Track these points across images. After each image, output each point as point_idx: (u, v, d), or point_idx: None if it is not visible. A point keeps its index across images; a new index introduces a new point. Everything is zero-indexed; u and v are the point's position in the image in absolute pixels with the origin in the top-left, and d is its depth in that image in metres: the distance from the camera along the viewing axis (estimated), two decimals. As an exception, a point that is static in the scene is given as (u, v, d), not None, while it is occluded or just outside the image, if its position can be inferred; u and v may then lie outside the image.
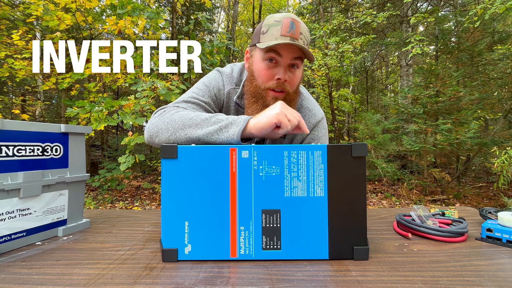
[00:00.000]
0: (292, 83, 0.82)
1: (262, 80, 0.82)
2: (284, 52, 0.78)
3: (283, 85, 0.80)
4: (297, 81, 0.84)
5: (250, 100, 0.85)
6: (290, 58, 0.78)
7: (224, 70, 0.95)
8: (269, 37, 0.78)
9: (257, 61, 0.83)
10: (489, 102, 4.73)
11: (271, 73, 0.80)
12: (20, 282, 0.48)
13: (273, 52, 0.78)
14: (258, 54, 0.82)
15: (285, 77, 0.79)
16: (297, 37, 0.77)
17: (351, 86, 9.01)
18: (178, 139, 0.71)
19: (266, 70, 0.80)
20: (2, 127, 0.61)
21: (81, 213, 0.80)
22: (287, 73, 0.80)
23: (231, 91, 0.92)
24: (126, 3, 3.90)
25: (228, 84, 0.92)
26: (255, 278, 0.49)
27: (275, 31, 0.77)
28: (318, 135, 0.94)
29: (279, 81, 0.79)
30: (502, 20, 5.75)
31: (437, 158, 5.53)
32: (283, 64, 0.79)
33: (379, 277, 0.49)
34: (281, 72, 0.79)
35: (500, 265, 0.54)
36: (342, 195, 0.56)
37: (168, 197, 0.56)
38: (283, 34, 0.76)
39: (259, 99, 0.83)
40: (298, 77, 0.83)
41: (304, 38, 0.79)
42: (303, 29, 0.79)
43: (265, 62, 0.80)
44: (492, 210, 0.82)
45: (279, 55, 0.78)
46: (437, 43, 5.36)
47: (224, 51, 4.59)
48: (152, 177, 6.20)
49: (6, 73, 4.07)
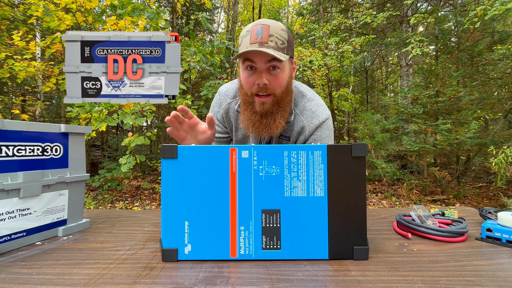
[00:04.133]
0: (275, 84, 0.85)
1: (247, 88, 0.88)
2: (256, 58, 0.82)
3: (266, 89, 0.85)
4: (282, 81, 0.86)
5: (243, 107, 0.92)
6: (264, 62, 0.83)
7: (220, 90, 1.06)
8: (242, 47, 0.83)
9: (241, 70, 0.89)
10: (489, 102, 4.73)
11: (252, 80, 0.85)
12: (20, 282, 0.48)
13: (248, 61, 0.84)
14: (240, 65, 0.89)
15: (262, 81, 0.83)
16: (266, 41, 0.80)
17: (351, 86, 9.01)
18: None
19: (247, 78, 0.86)
20: (2, 127, 0.61)
21: (81, 213, 0.80)
22: (266, 76, 0.84)
23: (228, 106, 1.03)
24: (126, 3, 3.90)
25: (224, 102, 1.04)
26: (255, 278, 0.49)
27: (245, 41, 0.82)
28: (321, 135, 0.95)
29: (259, 86, 0.84)
30: (502, 20, 5.75)
31: (437, 158, 5.54)
32: (259, 70, 0.84)
33: (379, 277, 0.49)
34: (259, 78, 0.84)
35: (500, 265, 0.54)
36: (342, 195, 0.56)
37: (168, 197, 0.56)
38: (252, 42, 0.81)
39: (248, 106, 0.90)
40: (281, 78, 0.86)
41: (276, 39, 0.82)
42: (273, 30, 0.82)
43: (246, 71, 0.86)
44: (492, 210, 0.82)
45: (254, 62, 0.83)
46: (437, 43, 5.36)
47: (224, 51, 4.59)
48: (152, 177, 6.20)
49: (7, 74, 4.07)
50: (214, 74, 4.38)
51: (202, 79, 8.22)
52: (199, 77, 8.16)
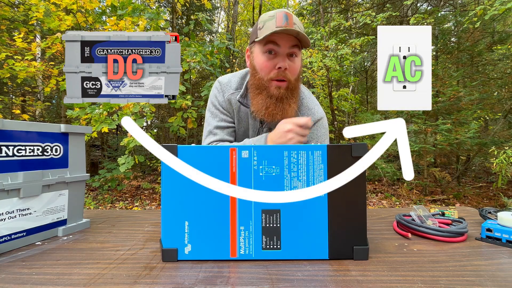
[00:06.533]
0: (292, 71, 0.87)
1: (265, 72, 0.87)
2: (281, 41, 0.83)
3: (284, 74, 0.86)
4: (297, 69, 0.89)
5: (255, 92, 0.91)
6: (288, 47, 0.84)
7: (221, 80, 1.04)
8: (265, 30, 0.83)
9: (257, 55, 0.89)
10: (489, 102, 4.73)
11: (272, 64, 0.86)
12: (20, 282, 0.48)
13: (272, 44, 0.84)
14: (258, 49, 0.88)
15: (285, 65, 0.84)
16: (292, 26, 0.82)
17: (351, 86, 9.01)
18: None
19: (266, 61, 0.86)
20: (2, 127, 0.61)
21: (81, 213, 0.80)
22: (287, 61, 0.85)
23: (230, 97, 1.01)
24: (127, 4, 3.90)
25: (226, 92, 1.01)
26: (255, 278, 0.49)
27: (270, 24, 0.83)
28: (316, 134, 0.95)
29: (280, 70, 0.85)
30: (502, 20, 5.74)
31: (437, 158, 5.53)
32: (282, 53, 0.85)
33: (379, 277, 0.49)
34: (281, 61, 0.84)
35: (500, 265, 0.54)
36: (342, 195, 0.56)
37: (168, 197, 0.56)
38: (279, 25, 0.81)
39: (263, 90, 0.89)
40: (298, 65, 0.88)
41: (299, 28, 0.83)
42: (296, 20, 0.84)
43: (265, 55, 0.86)
44: (492, 210, 0.82)
45: (277, 45, 0.84)
46: (437, 43, 5.36)
47: (224, 51, 4.59)
48: (152, 177, 6.20)
49: (7, 74, 4.07)
50: (214, 74, 4.38)
51: (202, 79, 8.22)
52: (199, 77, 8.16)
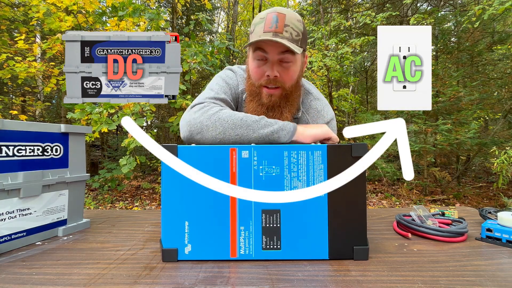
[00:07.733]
0: (286, 77, 0.81)
1: (255, 78, 0.83)
2: (268, 48, 0.77)
3: (275, 81, 0.80)
4: (293, 74, 0.82)
5: (248, 98, 0.87)
6: (277, 53, 0.77)
7: (237, 70, 0.95)
8: (254, 36, 0.78)
9: (249, 60, 0.85)
10: (489, 102, 4.73)
11: (261, 71, 0.81)
12: (20, 282, 0.48)
13: (260, 50, 0.78)
14: (250, 54, 0.84)
15: (273, 74, 0.79)
16: (281, 30, 0.75)
17: (351, 86, 9.01)
18: (226, 138, 0.71)
19: (256, 68, 0.81)
20: (2, 127, 0.61)
21: (81, 213, 0.80)
22: (277, 68, 0.79)
23: (243, 91, 0.92)
24: (127, 4, 3.90)
25: (241, 84, 0.93)
26: (255, 278, 0.49)
27: (259, 28, 0.77)
28: None
29: (269, 78, 0.80)
30: (502, 20, 5.74)
31: (437, 158, 5.54)
32: (271, 60, 0.79)
33: (379, 277, 0.49)
34: (269, 69, 0.79)
35: (500, 265, 0.54)
36: (342, 195, 0.56)
37: (168, 197, 0.56)
38: (266, 31, 0.76)
39: (255, 97, 0.84)
40: (293, 71, 0.82)
41: (292, 30, 0.77)
42: (289, 20, 0.77)
43: (256, 61, 0.81)
44: (492, 210, 0.82)
45: (266, 52, 0.78)
46: (437, 43, 5.36)
47: (224, 51, 4.59)
48: (152, 177, 6.20)
49: (8, 75, 4.07)
50: (214, 75, 4.38)
51: (202, 79, 8.22)
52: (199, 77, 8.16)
